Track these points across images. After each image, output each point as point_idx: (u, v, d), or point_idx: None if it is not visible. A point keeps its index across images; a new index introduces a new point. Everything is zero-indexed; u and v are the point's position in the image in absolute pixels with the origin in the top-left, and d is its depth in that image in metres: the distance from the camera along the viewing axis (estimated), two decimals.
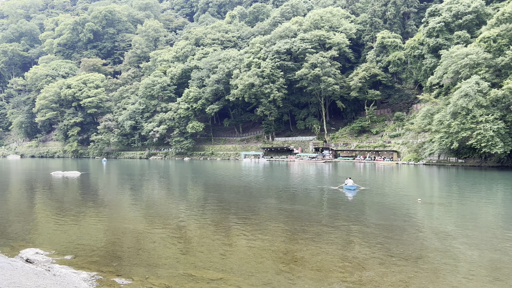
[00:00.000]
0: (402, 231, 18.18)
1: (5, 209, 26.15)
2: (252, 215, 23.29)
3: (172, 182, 47.35)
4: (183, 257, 14.31)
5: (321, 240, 16.66)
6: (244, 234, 17.99)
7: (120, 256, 14.22)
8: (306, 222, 20.61)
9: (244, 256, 14.54)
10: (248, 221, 21.10)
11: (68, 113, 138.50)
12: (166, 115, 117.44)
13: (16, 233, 18.51)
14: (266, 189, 37.36)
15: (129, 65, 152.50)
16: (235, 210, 25.37)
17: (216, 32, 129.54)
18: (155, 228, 19.30)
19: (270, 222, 21.04)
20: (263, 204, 27.51)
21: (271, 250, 15.31)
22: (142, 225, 20.15)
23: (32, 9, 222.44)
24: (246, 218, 22.22)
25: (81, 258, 13.77)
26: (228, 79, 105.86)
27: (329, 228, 18.95)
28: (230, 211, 24.79)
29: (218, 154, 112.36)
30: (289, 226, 19.72)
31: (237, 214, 23.54)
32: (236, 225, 20.18)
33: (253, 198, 30.91)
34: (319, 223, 20.32)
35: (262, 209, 25.32)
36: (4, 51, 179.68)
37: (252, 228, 19.28)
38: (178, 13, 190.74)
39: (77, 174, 57.15)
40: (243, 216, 22.74)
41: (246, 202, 28.76)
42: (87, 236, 17.51)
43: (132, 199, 31.63)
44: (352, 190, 31.96)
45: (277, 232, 18.47)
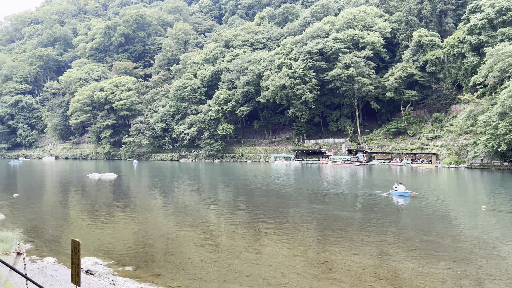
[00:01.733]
0: (477, 246, 16.50)
1: (50, 212, 25.93)
2: (283, 219, 22.60)
3: (203, 185, 46.65)
4: (215, 268, 13.25)
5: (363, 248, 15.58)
6: (275, 239, 17.41)
7: (184, 269, 13.30)
8: (344, 228, 19.61)
9: (275, 262, 14.03)
10: (279, 226, 20.47)
11: (100, 116, 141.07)
12: (196, 117, 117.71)
13: (65, 239, 17.95)
14: (300, 192, 36.13)
15: (159, 68, 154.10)
16: (266, 214, 24.60)
17: (245, 33, 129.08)
18: (213, 235, 18.37)
19: (304, 227, 20.30)
20: (297, 208, 26.65)
21: (304, 256, 14.78)
22: (191, 231, 19.26)
23: (66, 14, 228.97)
24: (277, 222, 21.54)
25: (143, 270, 12.94)
26: (258, 81, 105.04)
27: (376, 236, 17.48)
28: (261, 215, 24.07)
29: (248, 156, 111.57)
30: (324, 232, 18.93)
31: (268, 218, 22.88)
32: (266, 230, 19.57)
33: (284, 202, 30.00)
34: (362, 230, 19.03)
35: (295, 214, 24.51)
36: (40, 55, 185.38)
37: (283, 233, 18.66)
38: (206, 16, 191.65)
39: (113, 176, 57.43)
40: (274, 221, 22.06)
41: (277, 205, 27.99)
42: (139, 243, 16.75)
43: (171, 202, 30.95)
44: (405, 197, 30.13)
45: (310, 237, 17.75)
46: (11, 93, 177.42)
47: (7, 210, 25.83)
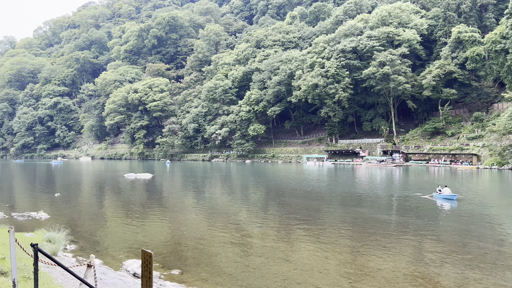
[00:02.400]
0: None
1: (91, 212, 26.29)
2: (316, 221, 22.14)
3: (235, 185, 46.37)
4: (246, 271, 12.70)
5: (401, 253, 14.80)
6: (308, 242, 17.07)
7: (230, 274, 12.92)
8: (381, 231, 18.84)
9: (307, 265, 13.80)
10: (312, 228, 20.07)
11: (134, 117, 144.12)
12: (228, 117, 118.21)
13: (108, 239, 18.00)
14: (334, 194, 35.15)
15: (191, 69, 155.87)
16: (299, 215, 24.12)
17: (276, 33, 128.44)
18: (253, 238, 17.93)
19: (337, 229, 19.80)
20: (331, 211, 26.05)
21: (337, 260, 14.43)
22: (227, 232, 18.89)
23: (101, 18, 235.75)
24: (310, 224, 21.12)
25: (189, 275, 12.63)
26: (290, 81, 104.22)
27: (417, 241, 16.45)
28: (293, 217, 23.62)
29: (279, 156, 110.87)
30: (358, 235, 18.31)
31: (301, 220, 22.46)
32: (298, 232, 19.22)
33: (317, 204, 29.31)
34: (400, 233, 18.06)
35: (329, 216, 23.96)
36: (77, 58, 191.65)
37: (316, 236, 18.27)
38: (237, 16, 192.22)
39: (148, 176, 58.20)
40: (306, 223, 21.62)
41: (310, 207, 27.44)
42: (180, 245, 16.51)
43: (204, 203, 30.79)
44: (452, 200, 28.64)
45: (344, 240, 17.32)
46: (50, 95, 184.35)
47: (51, 209, 26.39)
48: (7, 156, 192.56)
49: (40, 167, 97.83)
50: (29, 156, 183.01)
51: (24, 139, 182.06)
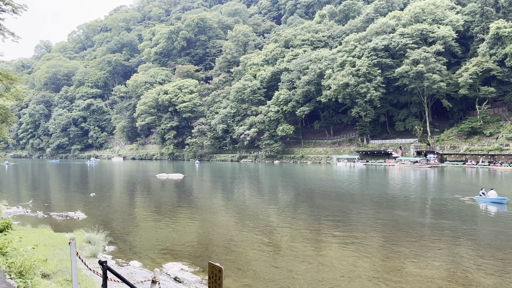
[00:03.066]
0: None
1: (126, 212, 26.43)
2: (347, 223, 21.60)
3: (264, 186, 45.82)
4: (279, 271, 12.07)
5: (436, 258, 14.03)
6: (339, 244, 16.72)
7: (259, 275, 12.59)
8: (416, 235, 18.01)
9: (337, 268, 13.60)
10: (343, 230, 19.66)
11: (165, 118, 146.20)
12: (256, 118, 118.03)
13: (144, 239, 17.87)
14: (366, 196, 34.11)
15: (219, 70, 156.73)
16: (329, 217, 23.63)
17: (305, 32, 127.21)
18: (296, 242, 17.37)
19: (369, 232, 19.20)
20: (362, 213, 25.23)
21: (370, 263, 13.99)
22: (260, 234, 18.38)
23: (132, 21, 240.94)
24: (340, 226, 20.68)
25: (231, 280, 12.22)
26: (319, 80, 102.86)
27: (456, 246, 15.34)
28: (323, 218, 23.18)
29: (309, 157, 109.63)
30: (391, 238, 17.68)
31: (331, 222, 22.06)
32: (329, 234, 18.87)
33: (349, 205, 28.54)
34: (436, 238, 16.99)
35: (360, 218, 23.22)
36: (109, 61, 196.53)
37: (347, 238, 17.83)
38: (265, 17, 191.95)
39: (180, 176, 58.60)
40: (337, 224, 21.20)
41: (341, 209, 26.81)
42: (217, 247, 16.15)
43: (236, 204, 30.42)
44: (501, 204, 27.04)
45: (377, 243, 16.72)
46: (83, 97, 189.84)
47: (87, 209, 26.71)
48: (43, 156, 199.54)
49: (76, 167, 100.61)
50: (64, 157, 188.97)
51: (59, 140, 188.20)
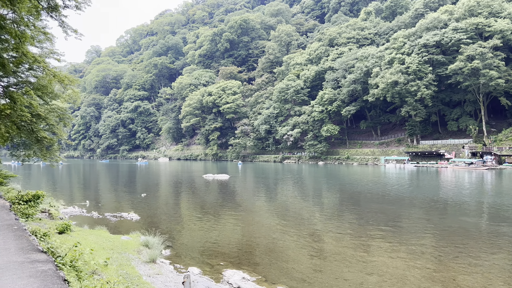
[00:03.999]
0: None
1: (178, 213, 26.32)
2: (396, 228, 20.50)
3: (308, 187, 44.50)
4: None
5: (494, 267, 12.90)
6: (386, 249, 15.95)
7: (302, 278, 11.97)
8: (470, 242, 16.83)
9: (385, 273, 13.04)
10: (391, 234, 18.67)
11: (209, 119, 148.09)
12: (299, 118, 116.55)
13: (199, 243, 17.41)
14: (416, 199, 32.16)
15: (262, 71, 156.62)
16: (376, 220, 22.56)
17: (350, 30, 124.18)
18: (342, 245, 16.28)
19: (419, 237, 18.15)
20: (412, 217, 23.92)
21: (419, 269, 13.35)
22: (306, 237, 17.36)
23: (177, 25, 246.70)
24: (388, 230, 19.63)
25: (281, 283, 11.44)
26: (366, 79, 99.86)
27: None
28: (370, 223, 22.09)
29: (355, 158, 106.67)
30: (442, 244, 16.61)
31: (378, 225, 21.07)
32: (375, 238, 17.99)
33: (398, 209, 27.11)
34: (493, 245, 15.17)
35: (410, 222, 22.00)
36: (155, 64, 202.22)
37: (395, 243, 16.96)
38: (308, 16, 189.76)
39: (225, 177, 58.58)
40: (385, 228, 20.18)
41: (389, 212, 25.53)
42: (277, 253, 15.37)
43: (287, 206, 29.50)
44: None
45: (426, 249, 15.86)
46: (131, 100, 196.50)
47: (139, 210, 26.86)
48: (93, 156, 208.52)
49: (125, 167, 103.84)
50: (112, 157, 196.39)
51: (108, 140, 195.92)
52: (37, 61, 16.19)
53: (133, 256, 13.01)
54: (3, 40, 13.75)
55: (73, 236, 13.97)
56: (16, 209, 10.64)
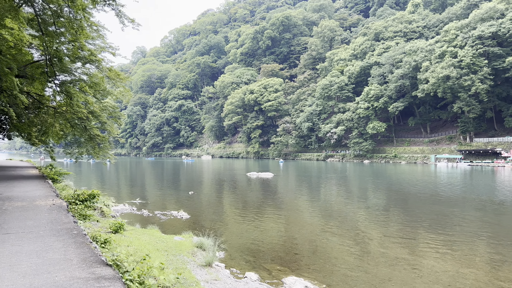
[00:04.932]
0: None
1: (226, 212, 25.83)
2: (447, 230, 19.22)
3: (352, 187, 42.64)
4: None
5: None
6: (435, 252, 15.32)
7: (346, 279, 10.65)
8: None
9: (435, 276, 12.55)
10: (441, 238, 17.63)
11: (250, 117, 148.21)
12: (344, 115, 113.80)
13: (252, 244, 16.70)
14: (469, 200, 29.86)
15: (304, 67, 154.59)
16: (425, 222, 21.28)
17: (397, 24, 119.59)
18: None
19: (472, 241, 16.95)
20: (465, 219, 22.17)
21: (472, 277, 12.45)
22: (351, 237, 16.07)
23: (218, 24, 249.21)
24: (438, 233, 18.56)
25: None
26: (415, 73, 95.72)
27: None
28: (420, 224, 20.92)
29: (402, 157, 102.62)
30: (500, 250, 15.30)
31: (427, 227, 19.92)
32: (424, 239, 17.34)
33: (449, 211, 25.19)
34: None
35: (462, 225, 20.43)
36: (198, 63, 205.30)
37: (446, 247, 16.16)
38: (351, 10, 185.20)
39: (270, 175, 57.86)
40: (434, 231, 19.06)
41: (439, 214, 23.96)
42: (333, 258, 14.32)
43: (335, 208, 28.20)
44: None
45: (481, 255, 14.73)
46: (175, 99, 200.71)
47: (188, 208, 26.63)
48: (139, 154, 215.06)
49: (171, 164, 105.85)
50: (158, 155, 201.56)
51: (154, 139, 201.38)
52: (92, 54, 16.15)
53: (188, 258, 12.47)
54: (59, 34, 13.70)
55: (127, 236, 13.67)
56: (73, 210, 10.35)
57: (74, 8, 11.98)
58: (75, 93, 16.21)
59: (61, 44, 14.42)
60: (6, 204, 10.21)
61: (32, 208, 9.72)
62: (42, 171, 23.99)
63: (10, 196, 12.02)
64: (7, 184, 16.00)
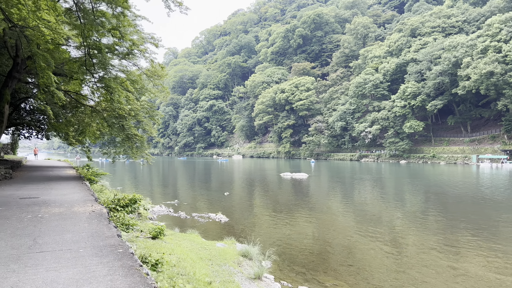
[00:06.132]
0: None
1: (265, 215, 24.71)
2: (492, 235, 17.98)
3: (389, 188, 40.40)
4: None
5: None
6: (480, 260, 14.37)
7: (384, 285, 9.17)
8: None
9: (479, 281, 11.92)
10: (486, 242, 16.58)
11: (281, 116, 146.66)
12: (379, 114, 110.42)
13: (299, 253, 15.49)
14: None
15: (336, 65, 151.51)
16: (467, 226, 19.92)
17: (435, 19, 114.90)
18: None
19: None
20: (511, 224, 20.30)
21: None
22: (387, 241, 14.44)
23: (249, 23, 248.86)
24: (482, 237, 17.46)
25: None
26: (455, 70, 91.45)
27: None
28: (461, 228, 19.59)
29: (441, 157, 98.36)
30: None
31: (469, 232, 18.71)
32: (468, 246, 16.25)
33: (493, 214, 23.47)
34: None
35: (508, 231, 18.86)
36: (228, 63, 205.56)
37: (491, 252, 15.22)
38: (385, 7, 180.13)
39: (304, 176, 56.32)
40: (477, 235, 17.95)
41: (483, 217, 22.42)
42: (394, 272, 12.88)
43: (374, 212, 26.46)
44: None
45: None
46: (206, 99, 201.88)
47: (226, 211, 25.70)
48: (172, 154, 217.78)
49: (205, 164, 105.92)
50: (189, 154, 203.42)
51: (185, 138, 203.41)
52: (135, 44, 15.34)
53: (234, 269, 11.40)
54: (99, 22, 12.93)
55: (167, 242, 12.77)
56: (114, 219, 9.47)
57: None
58: (116, 87, 15.47)
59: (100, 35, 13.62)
60: (43, 210, 9.46)
61: (70, 216, 8.90)
62: (79, 172, 23.67)
63: (47, 200, 11.34)
64: (44, 186, 15.50)
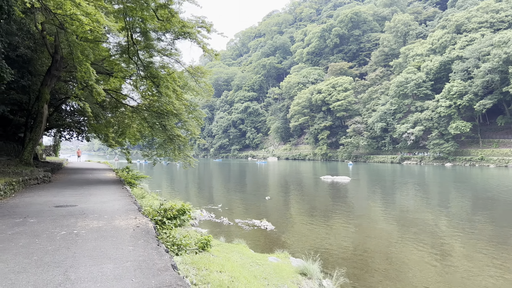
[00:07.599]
0: None
1: (313, 223, 22.96)
2: None
3: (433, 193, 37.25)
4: None
5: None
6: None
7: None
8: None
9: None
10: None
11: (318, 118, 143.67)
12: (422, 114, 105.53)
13: (358, 268, 13.67)
14: None
15: (375, 65, 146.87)
16: None
17: (482, 14, 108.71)
18: None
19: None
20: None
21: None
22: (430, 249, 12.23)
23: (284, 24, 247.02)
24: None
25: None
26: (506, 67, 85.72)
27: None
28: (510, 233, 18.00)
29: (490, 159, 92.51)
30: None
31: None
32: None
33: None
34: None
35: None
36: (263, 65, 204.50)
37: None
38: (426, 3, 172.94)
39: (346, 180, 53.87)
40: None
41: None
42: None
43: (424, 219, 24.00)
44: None
45: None
46: (241, 101, 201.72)
47: (270, 217, 24.15)
48: (207, 156, 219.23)
49: (241, 166, 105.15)
50: (224, 156, 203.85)
51: (221, 140, 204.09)
52: (185, 26, 14.01)
53: None
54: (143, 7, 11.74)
55: (215, 256, 11.33)
56: (164, 238, 8.08)
57: None
58: (164, 77, 14.27)
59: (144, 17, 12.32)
60: (79, 224, 8.22)
61: (110, 233, 7.57)
62: (119, 174, 22.88)
63: (85, 209, 10.19)
64: (83, 191, 14.53)
